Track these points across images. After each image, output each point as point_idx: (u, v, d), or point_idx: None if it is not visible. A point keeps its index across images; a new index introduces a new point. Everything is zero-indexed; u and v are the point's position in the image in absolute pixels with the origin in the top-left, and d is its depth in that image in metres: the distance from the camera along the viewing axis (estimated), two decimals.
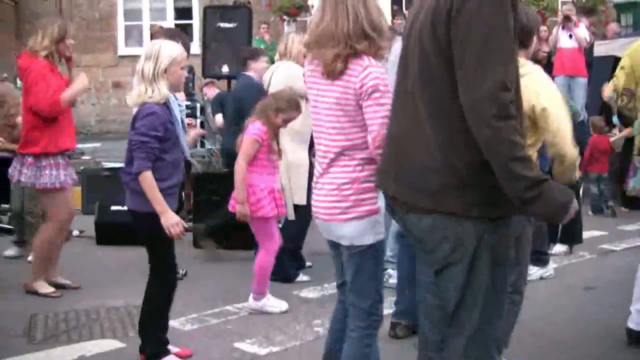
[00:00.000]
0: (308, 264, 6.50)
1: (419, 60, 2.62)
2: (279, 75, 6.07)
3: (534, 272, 6.15)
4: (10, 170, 5.77)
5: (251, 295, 5.39)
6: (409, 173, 2.66)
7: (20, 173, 5.63)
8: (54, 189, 5.59)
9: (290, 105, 5.23)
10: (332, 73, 3.22)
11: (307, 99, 5.88)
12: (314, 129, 3.42)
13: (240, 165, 5.19)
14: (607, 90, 6.10)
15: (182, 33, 6.32)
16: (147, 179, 4.05)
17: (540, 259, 6.13)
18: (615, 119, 9.89)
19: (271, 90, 6.05)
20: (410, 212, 2.68)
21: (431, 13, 2.54)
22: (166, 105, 4.14)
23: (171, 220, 4.09)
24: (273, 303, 5.40)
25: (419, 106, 2.62)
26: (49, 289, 5.67)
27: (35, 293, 5.62)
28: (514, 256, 2.79)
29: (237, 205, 5.21)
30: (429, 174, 2.58)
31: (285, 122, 5.28)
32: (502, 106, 2.41)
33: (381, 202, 3.30)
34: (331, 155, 3.29)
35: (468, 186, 2.53)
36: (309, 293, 5.85)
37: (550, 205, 2.45)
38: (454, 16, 2.47)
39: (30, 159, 5.57)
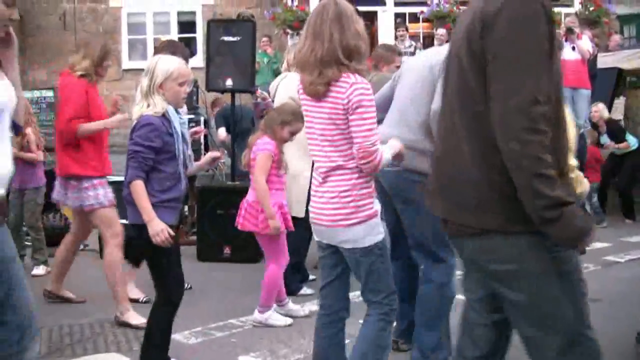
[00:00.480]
0: (312, 277, 6.50)
1: (457, 77, 2.64)
2: (285, 85, 6.09)
3: None
4: (54, 195, 5.67)
5: (257, 308, 5.39)
6: (451, 191, 2.66)
7: (66, 197, 5.55)
8: (105, 207, 5.49)
9: (295, 116, 5.23)
10: (315, 96, 3.41)
11: None
12: (308, 142, 3.56)
13: (260, 182, 5.20)
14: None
15: (181, 45, 6.27)
16: (138, 188, 3.97)
17: None
18: (603, 139, 10.09)
19: (276, 100, 6.06)
20: (458, 235, 2.68)
21: (466, 30, 2.57)
22: (165, 117, 4.08)
23: (156, 228, 3.95)
24: (278, 316, 5.40)
25: (457, 123, 2.63)
26: (139, 320, 5.20)
27: (128, 325, 5.30)
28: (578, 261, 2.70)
29: (269, 221, 5.21)
30: (469, 190, 2.58)
31: (292, 134, 5.31)
32: (532, 120, 2.39)
33: (377, 206, 3.52)
34: (327, 167, 3.46)
35: (509, 200, 2.49)
36: (313, 306, 5.83)
37: (569, 229, 2.40)
38: (486, 30, 2.49)
39: (73, 182, 5.48)
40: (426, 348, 4.32)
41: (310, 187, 5.99)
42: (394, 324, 3.76)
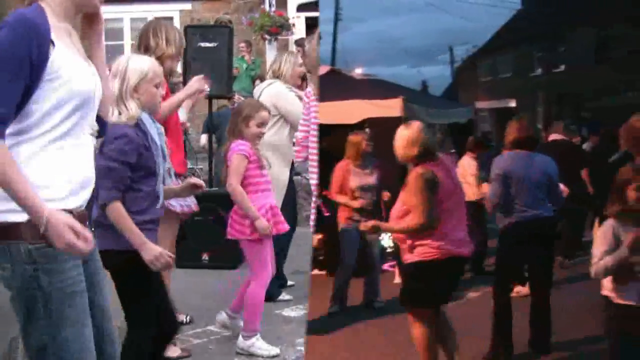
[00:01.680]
0: (290, 282, 6.50)
1: None
2: (267, 92, 6.10)
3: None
4: None
5: (240, 334, 5.00)
6: None
7: None
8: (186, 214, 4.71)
9: (253, 108, 5.02)
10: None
11: (286, 119, 5.92)
12: None
13: (233, 186, 4.86)
14: None
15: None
16: (118, 210, 3.43)
17: None
18: None
19: None
20: None
21: None
22: (139, 127, 3.54)
23: (153, 252, 3.44)
24: (262, 345, 4.94)
25: None
26: (176, 352, 4.84)
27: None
28: None
29: (255, 222, 4.82)
30: None
31: (260, 126, 4.99)
32: None
33: None
34: None
35: None
36: (291, 312, 5.84)
37: None
38: None
39: None
40: None
41: (287, 193, 6.06)
42: None
